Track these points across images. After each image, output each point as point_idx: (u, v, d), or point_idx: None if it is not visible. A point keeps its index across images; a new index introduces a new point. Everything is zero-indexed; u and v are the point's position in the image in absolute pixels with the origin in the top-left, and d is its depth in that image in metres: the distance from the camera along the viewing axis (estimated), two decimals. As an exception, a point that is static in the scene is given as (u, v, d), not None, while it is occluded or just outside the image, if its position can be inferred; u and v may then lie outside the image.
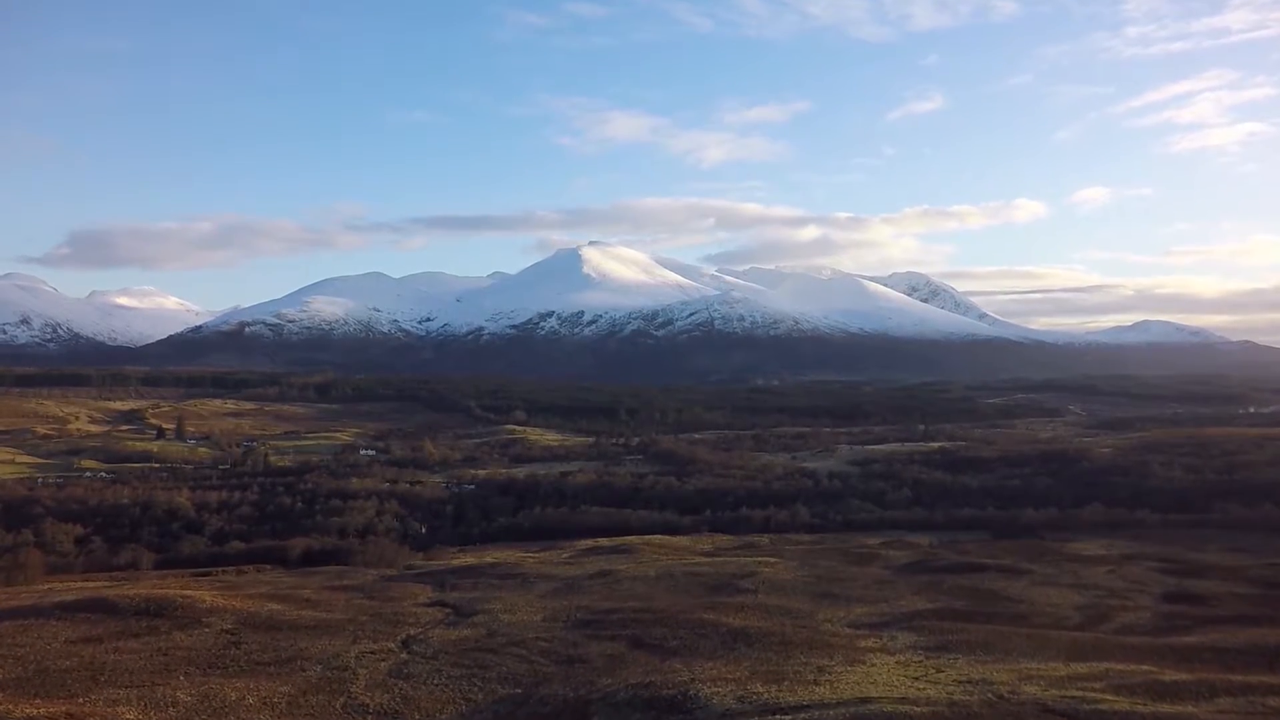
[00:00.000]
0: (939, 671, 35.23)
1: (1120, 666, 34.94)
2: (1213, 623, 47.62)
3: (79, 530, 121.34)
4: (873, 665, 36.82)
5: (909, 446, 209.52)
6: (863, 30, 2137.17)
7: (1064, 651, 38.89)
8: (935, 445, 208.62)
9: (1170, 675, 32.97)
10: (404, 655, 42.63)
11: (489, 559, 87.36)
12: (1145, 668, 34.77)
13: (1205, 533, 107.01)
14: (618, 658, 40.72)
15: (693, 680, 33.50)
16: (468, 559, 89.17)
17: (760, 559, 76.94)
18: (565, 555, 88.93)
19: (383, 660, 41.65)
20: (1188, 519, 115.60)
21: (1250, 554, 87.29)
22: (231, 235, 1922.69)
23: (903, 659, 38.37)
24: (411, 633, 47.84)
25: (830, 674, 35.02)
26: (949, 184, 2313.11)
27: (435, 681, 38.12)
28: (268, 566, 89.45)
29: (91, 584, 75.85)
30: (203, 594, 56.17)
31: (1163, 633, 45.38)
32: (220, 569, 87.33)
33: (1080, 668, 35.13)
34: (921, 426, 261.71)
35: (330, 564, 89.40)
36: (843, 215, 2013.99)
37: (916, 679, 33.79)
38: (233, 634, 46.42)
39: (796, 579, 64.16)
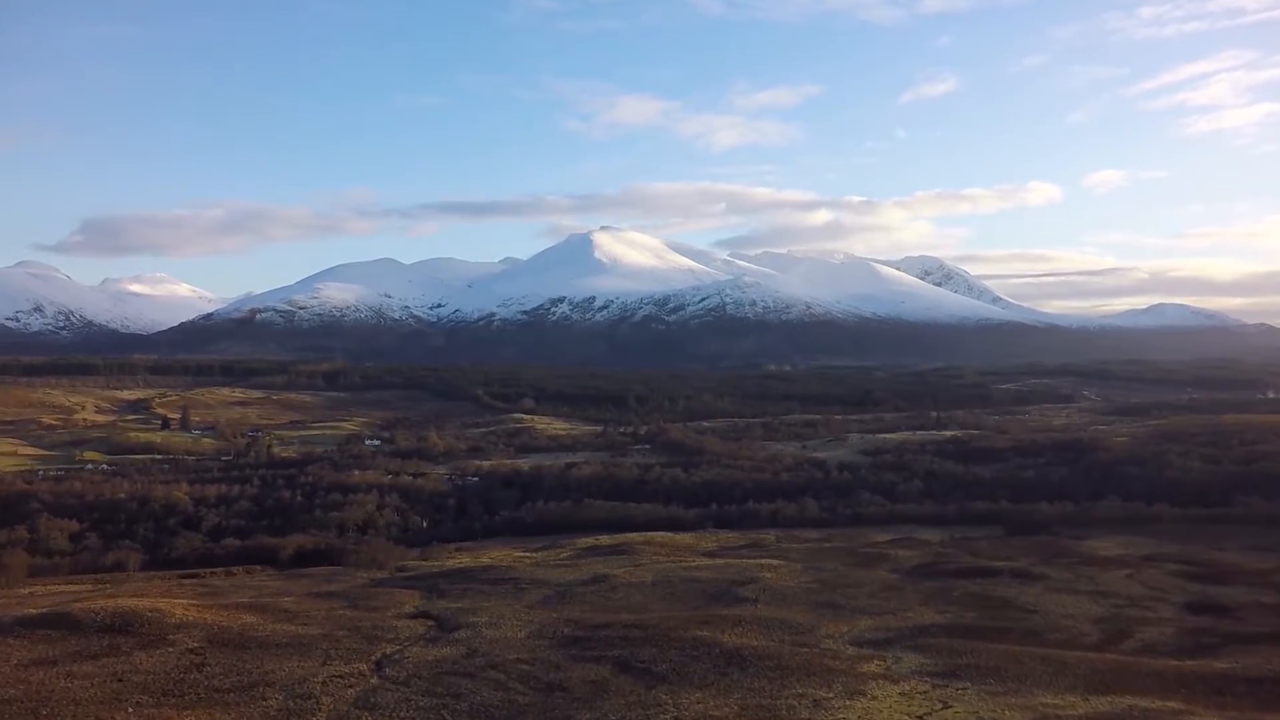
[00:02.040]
0: (945, 707, 32.38)
1: (1145, 703, 31.97)
2: (1241, 641, 44.64)
3: (74, 526, 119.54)
4: (874, 698, 33.96)
5: (921, 435, 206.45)
6: (874, 12, 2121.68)
7: (1082, 680, 35.91)
8: (947, 434, 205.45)
9: (1200, 716, 30.00)
10: (374, 680, 39.95)
11: (485, 559, 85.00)
12: (1173, 705, 31.80)
13: (1225, 528, 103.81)
14: (601, 685, 37.93)
15: (676, 719, 30.77)
16: (463, 559, 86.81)
17: (763, 561, 74.26)
18: (564, 555, 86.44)
19: (351, 686, 38.97)
20: (1207, 514, 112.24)
21: (1273, 553, 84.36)
22: (243, 222, 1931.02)
23: (907, 688, 35.47)
24: (388, 651, 45.20)
25: (827, 710, 32.25)
26: (962, 167, 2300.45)
27: (402, 713, 35.44)
28: (258, 568, 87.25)
29: (73, 588, 73.72)
30: (175, 606, 53.62)
31: (1188, 653, 42.38)
32: (209, 570, 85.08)
33: (1101, 703, 32.20)
34: (934, 414, 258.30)
35: (323, 564, 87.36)
36: (855, 199, 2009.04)
37: (921, 718, 30.93)
38: (197, 654, 43.80)
39: (799, 585, 61.42)
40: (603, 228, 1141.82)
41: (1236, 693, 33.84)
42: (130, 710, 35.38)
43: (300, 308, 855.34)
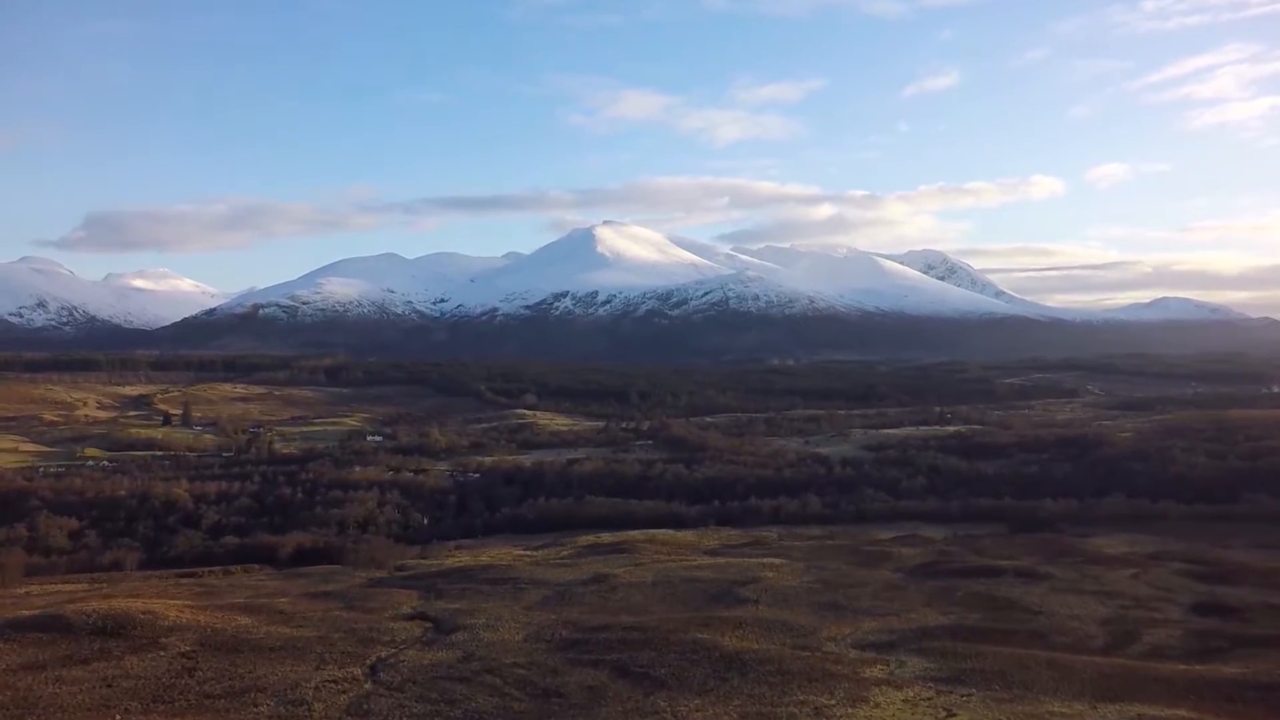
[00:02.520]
0: (950, 715, 31.68)
1: (1154, 711, 31.24)
2: (1250, 644, 43.87)
3: (74, 524, 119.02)
4: (876, 705, 33.25)
5: (924, 430, 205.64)
6: (876, 6, 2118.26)
7: (1089, 686, 35.16)
8: (951, 429, 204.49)
9: (1211, 725, 29.26)
10: (368, 685, 39.27)
11: (485, 558, 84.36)
12: (1181, 713, 31.06)
13: (1231, 526, 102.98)
14: (598, 690, 37.25)
15: (673, 729, 30.06)
16: (463, 558, 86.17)
17: (765, 560, 73.57)
18: (564, 553, 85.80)
19: (344, 692, 38.28)
20: (1212, 511, 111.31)
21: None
22: (246, 217, 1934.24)
23: (911, 695, 34.74)
24: (383, 655, 44.50)
25: (828, 718, 31.53)
26: (965, 161, 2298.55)
27: (395, 720, 34.76)
28: (256, 566, 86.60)
29: (69, 587, 73.08)
30: (169, 607, 52.94)
31: (1197, 657, 41.64)
32: (207, 569, 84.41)
33: (1109, 711, 31.48)
34: (939, 409, 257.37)
35: (321, 563, 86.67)
36: (858, 193, 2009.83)
37: (924, 728, 30.20)
38: (189, 658, 43.12)
39: (801, 585, 60.67)
40: (605, 222, 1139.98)
41: (1247, 699, 33.07)
42: (118, 717, 34.75)
43: (303, 303, 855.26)
